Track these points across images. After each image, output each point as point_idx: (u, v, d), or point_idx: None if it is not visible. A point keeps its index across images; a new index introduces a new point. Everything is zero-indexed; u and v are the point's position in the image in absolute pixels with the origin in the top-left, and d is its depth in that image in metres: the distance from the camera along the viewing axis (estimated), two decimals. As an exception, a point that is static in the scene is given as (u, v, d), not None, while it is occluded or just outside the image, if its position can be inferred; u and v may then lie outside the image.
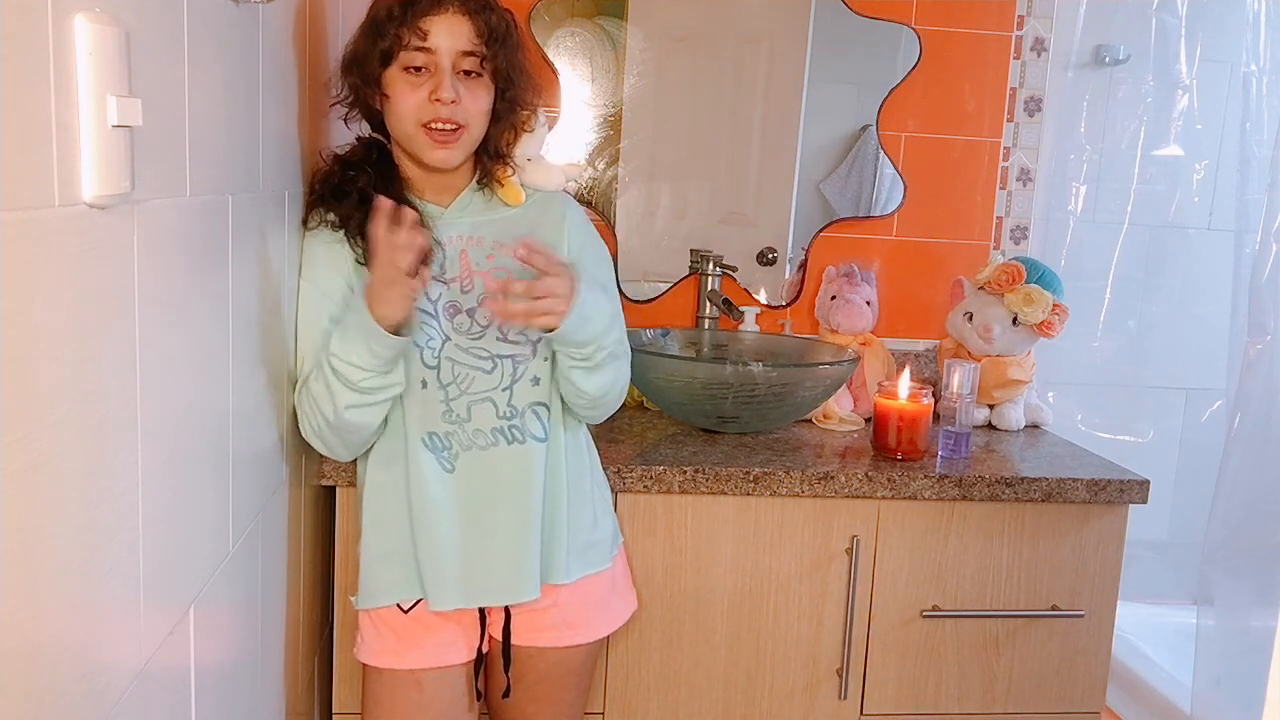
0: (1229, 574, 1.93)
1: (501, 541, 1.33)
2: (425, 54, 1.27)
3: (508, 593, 1.35)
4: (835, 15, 2.02)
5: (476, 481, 1.33)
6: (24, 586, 0.63)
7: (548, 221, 1.40)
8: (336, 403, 1.26)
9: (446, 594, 1.33)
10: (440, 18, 1.26)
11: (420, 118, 1.28)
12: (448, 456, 1.33)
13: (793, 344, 1.95)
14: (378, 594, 1.36)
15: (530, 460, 1.34)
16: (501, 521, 1.33)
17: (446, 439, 1.32)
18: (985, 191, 2.11)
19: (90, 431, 0.72)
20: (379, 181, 1.32)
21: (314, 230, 1.34)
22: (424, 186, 1.37)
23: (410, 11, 1.26)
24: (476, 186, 1.38)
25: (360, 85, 1.31)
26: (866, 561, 1.61)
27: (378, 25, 1.28)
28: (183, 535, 0.93)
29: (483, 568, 1.34)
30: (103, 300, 0.74)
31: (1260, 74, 2.05)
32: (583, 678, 1.47)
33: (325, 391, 1.26)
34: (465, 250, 1.35)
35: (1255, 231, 1.94)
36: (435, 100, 1.27)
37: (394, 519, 1.34)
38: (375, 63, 1.28)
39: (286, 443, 1.32)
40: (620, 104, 2.00)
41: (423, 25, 1.26)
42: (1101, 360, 2.25)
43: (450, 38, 1.27)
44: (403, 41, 1.26)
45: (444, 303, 1.33)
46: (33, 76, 0.63)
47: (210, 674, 1.03)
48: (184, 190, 0.90)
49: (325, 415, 1.28)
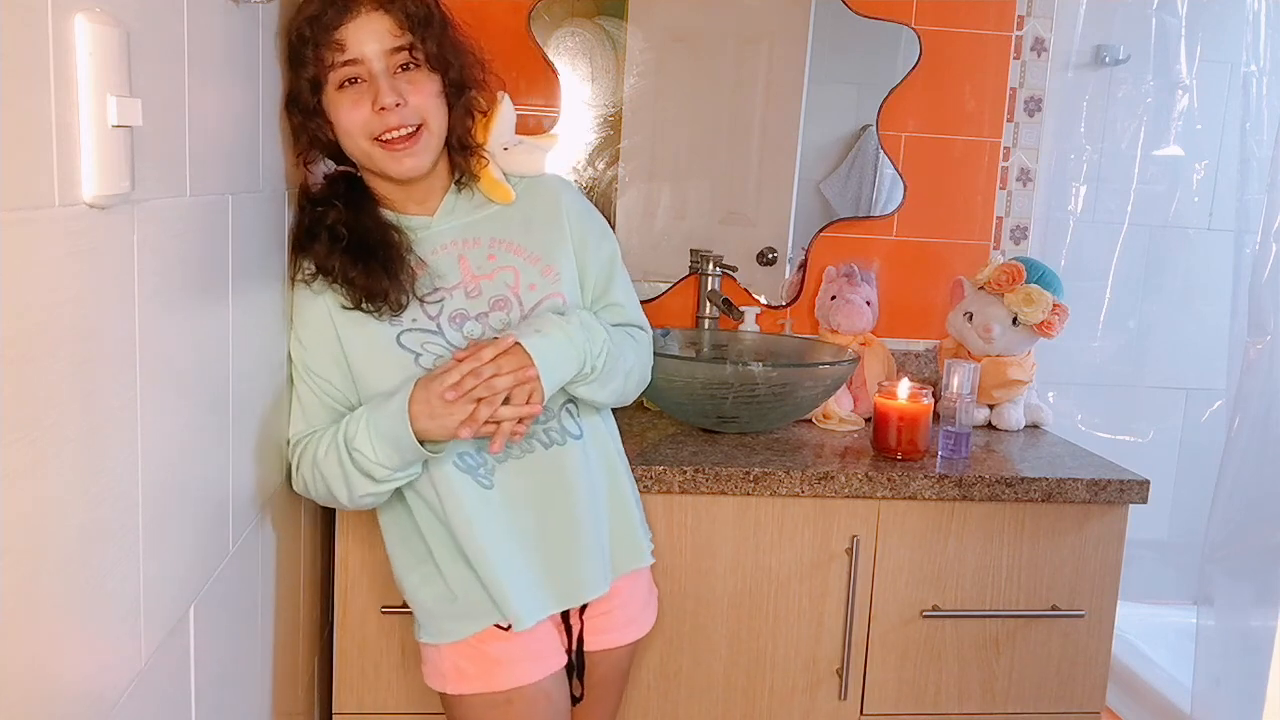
0: (1229, 574, 1.93)
1: (559, 544, 1.30)
2: (352, 65, 1.20)
3: (578, 592, 1.33)
4: (835, 15, 2.02)
5: (518, 491, 1.29)
6: (24, 587, 0.63)
7: (543, 210, 1.35)
8: (353, 491, 1.23)
9: (521, 610, 1.28)
10: (354, 23, 1.19)
11: (371, 132, 1.21)
12: (484, 473, 1.28)
13: (793, 344, 1.95)
14: (450, 629, 1.30)
15: (571, 459, 1.31)
16: (553, 525, 1.30)
17: (480, 455, 1.28)
18: (985, 191, 2.11)
19: (90, 431, 0.72)
20: (349, 215, 1.26)
21: (298, 284, 1.28)
22: (404, 200, 1.31)
23: (319, 27, 1.18)
24: (457, 188, 1.33)
25: (304, 122, 1.24)
26: (866, 561, 1.61)
27: (295, 54, 1.21)
28: (183, 535, 0.93)
29: (547, 573, 1.30)
30: (103, 300, 0.74)
31: (1260, 74, 2.05)
32: (626, 677, 1.47)
33: (340, 476, 1.22)
34: (463, 256, 1.30)
35: (1255, 232, 1.94)
36: (380, 110, 1.20)
37: (439, 549, 1.30)
38: (307, 93, 1.22)
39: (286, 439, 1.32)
40: (620, 104, 2.00)
41: (338, 38, 1.18)
42: (1101, 360, 2.25)
43: (371, 40, 1.19)
44: (324, 62, 1.19)
45: (449, 313, 1.28)
46: (33, 76, 0.63)
47: (210, 674, 1.03)
48: (184, 190, 0.90)
49: (336, 494, 1.25)
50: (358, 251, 1.24)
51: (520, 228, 1.34)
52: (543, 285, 1.31)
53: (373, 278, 1.23)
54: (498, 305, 1.29)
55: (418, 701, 1.55)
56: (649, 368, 1.44)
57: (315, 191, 1.31)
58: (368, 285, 1.23)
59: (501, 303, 1.30)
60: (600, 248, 1.38)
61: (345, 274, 1.24)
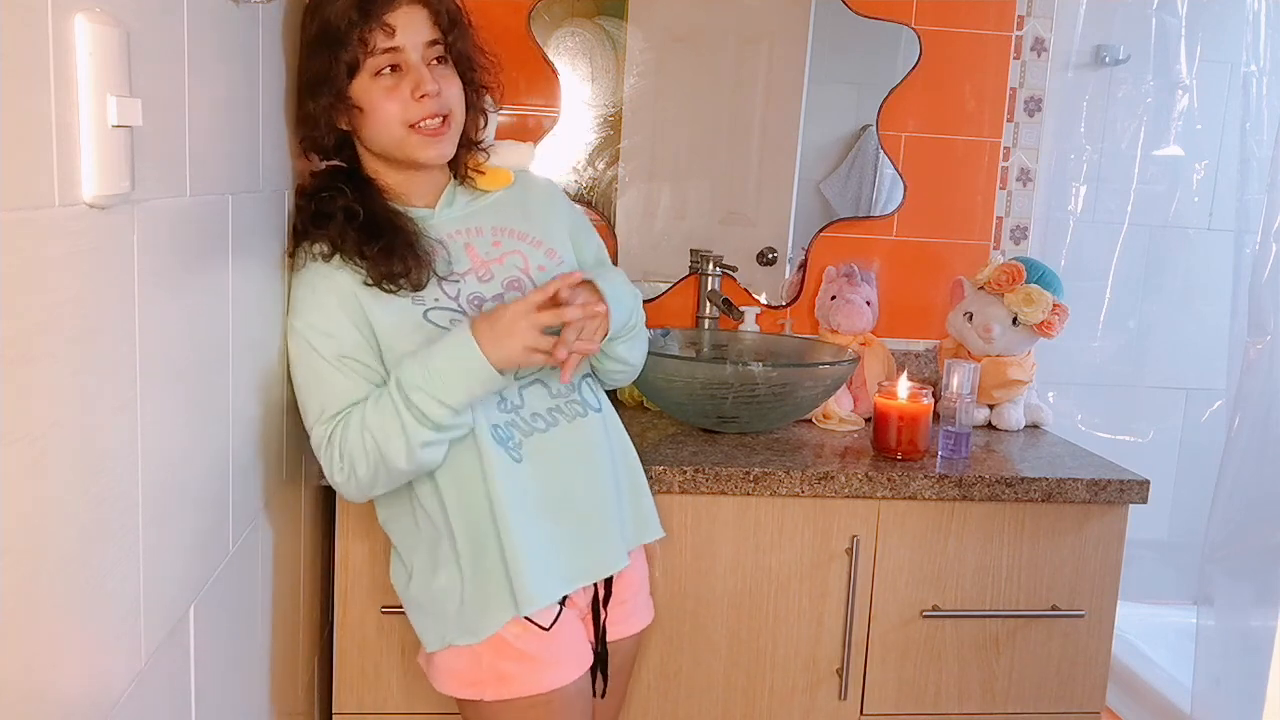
0: (1229, 574, 1.93)
1: (586, 515, 1.32)
2: (393, 53, 1.23)
3: (601, 565, 1.34)
4: (835, 15, 2.02)
5: (546, 465, 1.30)
6: (24, 587, 0.63)
7: (539, 198, 1.41)
8: (411, 442, 1.19)
9: (535, 590, 1.25)
10: (400, 11, 1.23)
11: (408, 118, 1.24)
12: (513, 446, 1.28)
13: (793, 344, 1.95)
14: (479, 626, 1.26)
15: (593, 431, 1.34)
16: (581, 496, 1.32)
17: (509, 429, 1.28)
18: (985, 191, 2.11)
19: (90, 431, 0.72)
20: (357, 197, 1.27)
21: (301, 270, 1.27)
22: (407, 192, 1.33)
23: (370, 11, 1.21)
24: (457, 180, 1.37)
25: (331, 106, 1.24)
26: (866, 561, 1.61)
27: (334, 36, 1.21)
28: (183, 535, 0.93)
29: (573, 548, 1.31)
30: (103, 300, 0.74)
31: (1260, 74, 2.05)
32: (632, 669, 1.50)
33: (397, 430, 1.18)
34: (469, 244, 1.33)
35: (1255, 232, 1.94)
36: (421, 97, 1.23)
37: (455, 539, 1.27)
38: (343, 77, 1.23)
39: (287, 443, 1.32)
40: (620, 104, 2.00)
41: (389, 21, 1.22)
42: (1101, 360, 2.25)
43: (414, 30, 1.24)
44: (368, 45, 1.21)
45: (466, 297, 1.30)
46: (33, 76, 0.63)
47: (210, 674, 1.03)
48: (184, 190, 0.90)
49: (390, 454, 1.19)
50: (372, 230, 1.25)
51: (519, 215, 1.38)
52: (551, 267, 1.35)
53: (394, 255, 1.24)
54: (512, 286, 1.32)
55: (418, 701, 1.55)
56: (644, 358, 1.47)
57: (314, 182, 1.32)
58: (389, 262, 1.24)
59: (515, 283, 1.32)
60: (590, 238, 1.46)
61: (362, 251, 1.24)
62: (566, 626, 1.31)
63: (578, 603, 1.34)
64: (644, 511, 1.43)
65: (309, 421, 1.26)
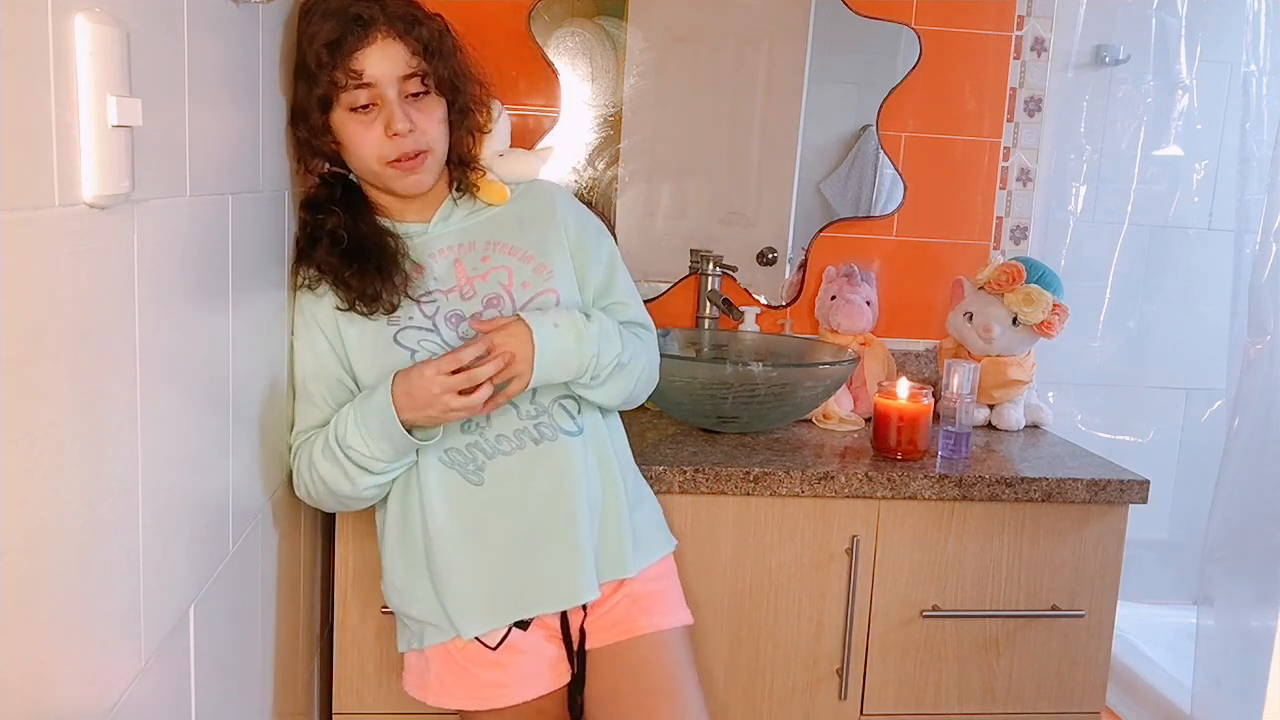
0: (1229, 574, 1.93)
1: (549, 545, 1.29)
2: (367, 90, 1.21)
3: (565, 597, 1.29)
4: (835, 15, 2.02)
5: (509, 489, 1.28)
6: (24, 587, 0.63)
7: (537, 211, 1.38)
8: (356, 485, 1.25)
9: (479, 616, 1.27)
10: (371, 48, 1.20)
11: (383, 156, 1.24)
12: (473, 469, 1.28)
13: (793, 344, 1.95)
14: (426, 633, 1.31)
15: (565, 456, 1.30)
16: (547, 524, 1.28)
17: (469, 451, 1.28)
18: (985, 191, 2.11)
19: (90, 431, 0.72)
20: (348, 220, 1.28)
21: (298, 290, 1.31)
22: (401, 209, 1.34)
23: (339, 52, 1.20)
24: (455, 196, 1.36)
25: (309, 138, 1.26)
26: (866, 561, 1.61)
27: (309, 73, 1.22)
28: (183, 535, 0.93)
29: (526, 577, 1.28)
30: (103, 300, 0.74)
31: (1260, 74, 2.04)
32: (685, 669, 1.34)
33: (340, 475, 1.24)
34: (459, 260, 1.33)
35: (1255, 232, 1.94)
36: (394, 136, 1.22)
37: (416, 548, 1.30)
38: (316, 111, 1.23)
39: (287, 443, 1.32)
40: (620, 104, 2.00)
41: (355, 64, 1.20)
42: (1101, 360, 2.25)
43: (387, 66, 1.21)
44: (339, 84, 1.21)
45: (444, 314, 1.30)
46: (33, 76, 0.63)
47: (210, 674, 1.03)
48: (184, 190, 0.90)
49: (338, 491, 1.26)
50: (354, 254, 1.27)
51: (514, 229, 1.36)
52: (536, 282, 1.33)
53: (366, 280, 1.26)
54: (491, 303, 1.31)
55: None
56: (656, 367, 1.44)
57: (314, 196, 1.33)
58: (361, 287, 1.26)
59: (495, 300, 1.31)
60: (599, 247, 1.40)
61: (340, 275, 1.26)
62: (522, 646, 1.29)
63: (547, 623, 1.32)
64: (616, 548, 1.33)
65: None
